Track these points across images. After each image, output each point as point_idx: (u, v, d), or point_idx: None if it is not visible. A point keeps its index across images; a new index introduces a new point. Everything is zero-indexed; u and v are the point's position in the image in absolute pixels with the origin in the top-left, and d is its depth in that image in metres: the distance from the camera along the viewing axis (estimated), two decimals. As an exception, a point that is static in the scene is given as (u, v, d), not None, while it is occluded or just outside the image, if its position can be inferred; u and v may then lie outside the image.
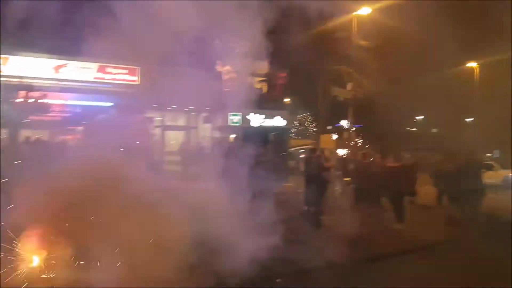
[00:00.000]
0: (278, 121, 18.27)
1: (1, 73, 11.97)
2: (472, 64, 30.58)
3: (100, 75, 13.70)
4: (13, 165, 7.02)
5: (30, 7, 6.31)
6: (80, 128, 13.01)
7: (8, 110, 11.24)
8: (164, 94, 7.48)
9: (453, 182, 9.53)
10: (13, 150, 10.11)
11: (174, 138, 15.40)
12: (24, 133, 11.78)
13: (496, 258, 6.60)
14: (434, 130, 42.31)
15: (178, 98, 7.66)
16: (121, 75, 13.90)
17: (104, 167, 4.89)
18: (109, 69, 13.75)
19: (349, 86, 19.19)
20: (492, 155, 29.97)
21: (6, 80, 11.96)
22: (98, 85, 13.61)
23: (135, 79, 13.95)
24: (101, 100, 13.57)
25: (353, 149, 20.71)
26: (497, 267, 6.10)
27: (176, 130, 15.91)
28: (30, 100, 11.42)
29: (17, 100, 11.35)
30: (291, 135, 22.51)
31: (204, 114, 14.87)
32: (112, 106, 13.55)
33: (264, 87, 16.96)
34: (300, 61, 16.30)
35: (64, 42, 10.58)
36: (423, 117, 44.30)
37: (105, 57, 12.71)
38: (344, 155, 20.73)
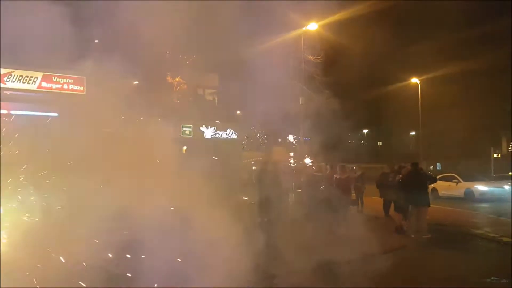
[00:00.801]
0: (230, 134, 18.34)
1: None
2: (415, 80, 32.55)
3: (45, 84, 13.17)
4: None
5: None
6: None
7: None
8: (112, 104, 7.27)
9: (398, 193, 9.97)
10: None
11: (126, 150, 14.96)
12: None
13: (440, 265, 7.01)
14: (380, 143, 44.47)
15: (127, 108, 7.48)
16: (66, 85, 13.45)
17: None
18: (54, 79, 13.26)
19: (300, 100, 19.69)
20: (433, 167, 31.86)
21: None
22: (43, 94, 13.05)
23: (81, 88, 13.54)
24: (46, 110, 12.95)
25: (304, 161, 21.16)
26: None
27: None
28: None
29: None
30: (243, 147, 22.71)
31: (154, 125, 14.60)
32: (57, 116, 13.01)
33: (216, 99, 17.01)
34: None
35: (7, 51, 10.08)
36: (368, 130, 46.42)
37: (50, 66, 12.27)
38: (296, 167, 21.11)
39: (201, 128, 16.43)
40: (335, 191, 9.38)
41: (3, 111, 11.91)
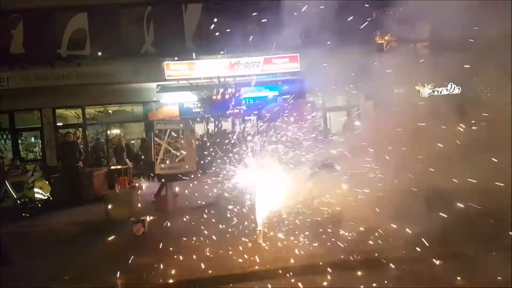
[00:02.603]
0: (452, 89, 16.45)
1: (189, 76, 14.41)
2: None
3: (267, 67, 14.91)
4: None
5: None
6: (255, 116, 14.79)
7: (208, 107, 13.44)
8: (324, 76, 7.84)
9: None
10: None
11: (336, 119, 15.68)
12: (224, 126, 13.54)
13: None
14: None
15: (337, 78, 7.89)
16: (283, 64, 14.87)
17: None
18: (273, 60, 14.85)
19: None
20: None
21: (195, 82, 14.21)
22: (266, 76, 14.84)
23: (296, 66, 14.76)
24: (269, 90, 14.89)
25: None
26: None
27: (337, 111, 16.16)
28: (226, 96, 13.32)
29: (213, 98, 13.33)
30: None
31: (365, 91, 14.64)
32: (279, 94, 14.67)
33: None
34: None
35: (234, 43, 11.94)
36: None
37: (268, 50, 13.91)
38: None
39: (416, 87, 15.40)
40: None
41: (239, 95, 14.14)
